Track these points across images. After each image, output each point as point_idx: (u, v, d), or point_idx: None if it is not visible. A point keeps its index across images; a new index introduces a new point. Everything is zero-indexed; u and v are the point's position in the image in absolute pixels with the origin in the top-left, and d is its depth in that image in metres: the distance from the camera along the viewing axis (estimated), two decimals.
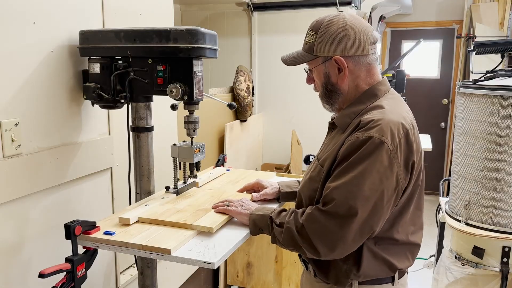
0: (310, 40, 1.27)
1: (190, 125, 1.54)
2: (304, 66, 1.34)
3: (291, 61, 1.32)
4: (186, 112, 1.54)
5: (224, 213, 1.38)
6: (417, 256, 1.37)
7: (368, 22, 4.71)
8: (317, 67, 1.28)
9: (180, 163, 1.61)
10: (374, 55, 1.27)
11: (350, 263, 1.24)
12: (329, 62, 1.25)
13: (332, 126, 1.35)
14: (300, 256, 1.43)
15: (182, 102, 1.52)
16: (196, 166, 1.61)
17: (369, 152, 1.13)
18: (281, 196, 1.58)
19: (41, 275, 1.18)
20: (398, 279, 1.30)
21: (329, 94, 1.29)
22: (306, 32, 1.29)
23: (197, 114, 1.55)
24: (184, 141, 1.60)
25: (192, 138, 1.57)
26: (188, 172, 1.62)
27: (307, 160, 1.42)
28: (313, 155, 1.41)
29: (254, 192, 1.59)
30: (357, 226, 1.13)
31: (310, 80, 1.35)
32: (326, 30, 1.23)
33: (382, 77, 1.31)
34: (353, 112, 1.25)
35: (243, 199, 1.43)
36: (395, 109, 1.21)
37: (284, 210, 1.31)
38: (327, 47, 1.23)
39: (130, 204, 1.64)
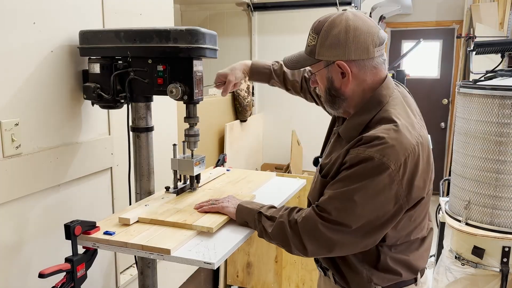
0: (312, 43, 1.19)
1: (191, 138, 1.54)
2: (307, 68, 1.32)
3: (293, 64, 1.27)
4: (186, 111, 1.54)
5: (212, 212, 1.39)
6: None
7: None
8: (319, 71, 1.22)
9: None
10: (381, 57, 1.19)
11: (368, 267, 1.24)
12: (332, 67, 1.17)
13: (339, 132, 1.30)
14: (317, 261, 1.42)
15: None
16: (196, 179, 1.62)
17: (367, 171, 1.09)
18: (250, 74, 1.65)
19: (41, 275, 1.18)
20: (420, 277, 1.30)
21: (332, 99, 1.23)
22: (308, 33, 1.22)
23: (197, 114, 1.55)
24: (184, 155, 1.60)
25: (192, 150, 1.57)
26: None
27: (316, 162, 1.39)
28: (321, 157, 1.38)
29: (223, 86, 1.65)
30: (349, 236, 1.14)
31: (314, 82, 1.28)
32: (328, 32, 1.15)
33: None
34: (358, 123, 1.19)
35: (229, 196, 1.44)
36: (404, 121, 1.15)
37: (274, 206, 1.32)
38: (329, 51, 1.16)
39: (130, 204, 1.64)
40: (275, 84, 1.69)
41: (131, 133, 1.60)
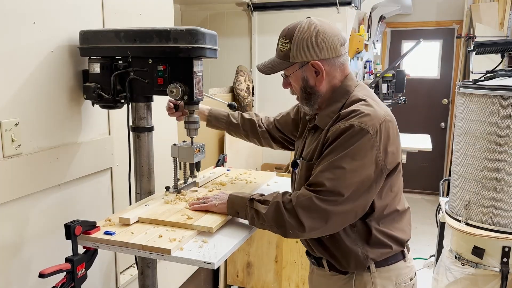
0: (285, 48, 1.31)
1: (191, 125, 1.55)
2: (281, 72, 1.38)
3: (268, 70, 1.36)
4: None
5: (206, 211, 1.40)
6: (417, 256, 1.39)
7: (368, 22, 4.71)
8: (294, 73, 1.33)
9: (180, 163, 1.61)
10: (345, 55, 1.35)
11: (361, 244, 1.31)
12: (306, 67, 1.30)
13: (313, 127, 1.40)
14: (309, 254, 1.45)
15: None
16: (196, 166, 1.61)
17: (350, 138, 1.20)
18: (208, 119, 1.73)
19: (41, 275, 1.18)
20: (407, 254, 1.39)
21: (308, 96, 1.35)
22: (278, 40, 1.34)
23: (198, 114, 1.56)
24: (184, 141, 1.60)
25: (192, 138, 1.57)
26: (188, 173, 1.63)
27: (295, 164, 1.44)
28: (298, 159, 1.44)
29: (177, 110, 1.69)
30: (343, 205, 1.21)
31: (286, 85, 1.39)
32: (300, 37, 1.28)
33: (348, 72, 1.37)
34: (332, 111, 1.32)
35: (219, 193, 1.47)
36: (374, 101, 1.30)
37: (263, 195, 1.35)
38: (303, 53, 1.29)
39: (130, 204, 1.64)
40: (231, 127, 1.74)
41: (131, 133, 1.60)
